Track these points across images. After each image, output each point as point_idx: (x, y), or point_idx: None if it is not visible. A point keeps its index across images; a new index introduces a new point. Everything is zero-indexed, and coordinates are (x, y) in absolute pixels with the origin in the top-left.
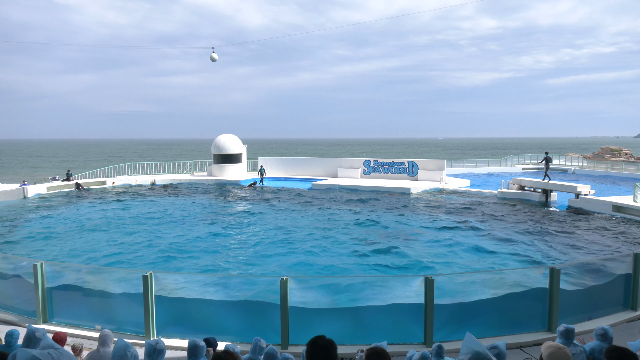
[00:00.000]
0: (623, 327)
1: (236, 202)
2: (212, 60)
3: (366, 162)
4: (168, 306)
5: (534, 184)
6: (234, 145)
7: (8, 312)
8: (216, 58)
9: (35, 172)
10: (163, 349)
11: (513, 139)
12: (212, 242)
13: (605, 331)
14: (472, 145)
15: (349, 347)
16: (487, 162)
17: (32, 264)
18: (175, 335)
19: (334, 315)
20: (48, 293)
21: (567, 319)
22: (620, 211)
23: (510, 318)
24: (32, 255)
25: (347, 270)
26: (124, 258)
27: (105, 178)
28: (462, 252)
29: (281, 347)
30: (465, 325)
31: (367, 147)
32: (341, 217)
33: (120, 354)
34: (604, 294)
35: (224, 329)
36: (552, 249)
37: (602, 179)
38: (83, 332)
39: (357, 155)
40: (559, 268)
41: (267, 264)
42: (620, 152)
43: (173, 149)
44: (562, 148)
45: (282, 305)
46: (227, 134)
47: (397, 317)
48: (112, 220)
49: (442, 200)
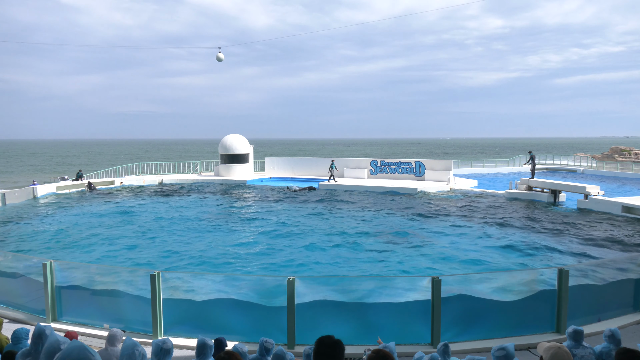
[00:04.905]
0: (633, 329)
1: (243, 202)
2: (218, 60)
3: (373, 162)
4: (175, 305)
5: (542, 185)
6: (241, 145)
7: (17, 311)
8: (222, 58)
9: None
10: (170, 348)
11: (521, 139)
12: (219, 241)
13: (612, 333)
14: (479, 146)
15: (356, 347)
16: (495, 162)
17: (42, 262)
18: (183, 335)
19: (341, 315)
20: (57, 292)
21: (576, 321)
22: (631, 212)
23: (518, 319)
24: (41, 255)
25: (354, 270)
26: (132, 257)
27: (114, 178)
28: (470, 252)
29: (288, 347)
30: (472, 326)
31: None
32: (348, 217)
33: (129, 353)
34: (613, 295)
35: (231, 328)
36: (561, 250)
37: (612, 179)
38: (91, 330)
39: (364, 156)
40: (568, 269)
41: (274, 263)
42: (630, 152)
43: (180, 149)
44: (570, 148)
45: (288, 305)
46: (234, 134)
47: (404, 317)
48: (120, 219)
49: (449, 201)
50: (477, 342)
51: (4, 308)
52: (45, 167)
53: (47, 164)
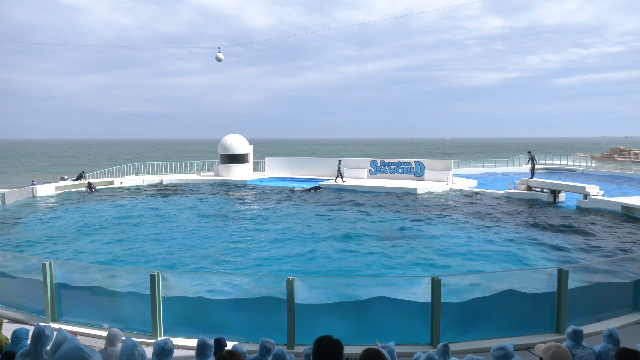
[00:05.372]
0: (632, 329)
1: (243, 202)
2: (218, 60)
3: (372, 162)
4: (175, 306)
5: (541, 185)
6: (240, 145)
7: (17, 311)
8: (222, 58)
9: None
10: (171, 348)
11: (520, 139)
12: (219, 241)
13: (610, 332)
14: (479, 146)
15: (356, 347)
16: (495, 162)
17: (41, 263)
18: (182, 335)
19: (340, 315)
20: (57, 292)
21: (575, 321)
22: (630, 212)
23: (518, 319)
24: (40, 255)
25: (354, 270)
26: (131, 257)
27: (113, 178)
28: (469, 252)
29: (287, 347)
30: (472, 326)
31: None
32: (347, 217)
33: (128, 353)
34: (613, 295)
35: (231, 328)
36: (561, 250)
37: (611, 179)
38: (91, 330)
39: (363, 156)
40: (567, 269)
41: (274, 263)
42: (629, 152)
43: (180, 149)
44: (570, 148)
45: (288, 305)
46: (234, 134)
47: (404, 317)
48: (119, 219)
49: (449, 201)
50: (477, 342)
51: (4, 308)
52: (43, 167)
53: (44, 164)
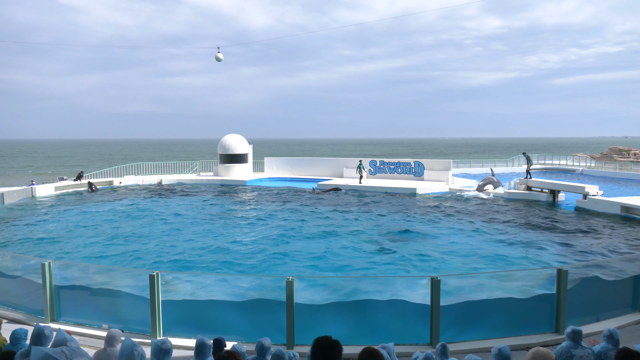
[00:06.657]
0: (632, 329)
1: (242, 202)
2: (217, 60)
3: (372, 162)
4: (174, 306)
5: (541, 185)
6: (240, 145)
7: (16, 311)
8: (221, 58)
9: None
10: (170, 348)
11: (520, 139)
12: (218, 241)
13: (611, 333)
14: (478, 146)
15: (355, 347)
16: (494, 162)
17: (40, 263)
18: (182, 335)
19: (340, 316)
20: (56, 292)
21: (574, 321)
22: (629, 212)
23: (517, 319)
24: (39, 255)
25: (354, 271)
26: (131, 258)
27: (112, 178)
28: (469, 252)
29: (287, 347)
30: (471, 326)
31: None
32: (347, 217)
33: (127, 353)
34: (612, 295)
35: (230, 328)
36: (560, 250)
37: (611, 179)
38: (90, 330)
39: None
40: (567, 269)
41: (273, 264)
42: (628, 152)
43: (179, 149)
44: (569, 148)
45: (287, 305)
46: (233, 134)
47: (403, 317)
48: (119, 220)
49: (449, 201)
50: (476, 342)
51: (3, 308)
52: (41, 167)
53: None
